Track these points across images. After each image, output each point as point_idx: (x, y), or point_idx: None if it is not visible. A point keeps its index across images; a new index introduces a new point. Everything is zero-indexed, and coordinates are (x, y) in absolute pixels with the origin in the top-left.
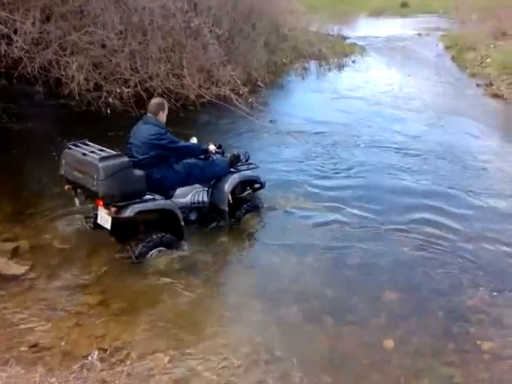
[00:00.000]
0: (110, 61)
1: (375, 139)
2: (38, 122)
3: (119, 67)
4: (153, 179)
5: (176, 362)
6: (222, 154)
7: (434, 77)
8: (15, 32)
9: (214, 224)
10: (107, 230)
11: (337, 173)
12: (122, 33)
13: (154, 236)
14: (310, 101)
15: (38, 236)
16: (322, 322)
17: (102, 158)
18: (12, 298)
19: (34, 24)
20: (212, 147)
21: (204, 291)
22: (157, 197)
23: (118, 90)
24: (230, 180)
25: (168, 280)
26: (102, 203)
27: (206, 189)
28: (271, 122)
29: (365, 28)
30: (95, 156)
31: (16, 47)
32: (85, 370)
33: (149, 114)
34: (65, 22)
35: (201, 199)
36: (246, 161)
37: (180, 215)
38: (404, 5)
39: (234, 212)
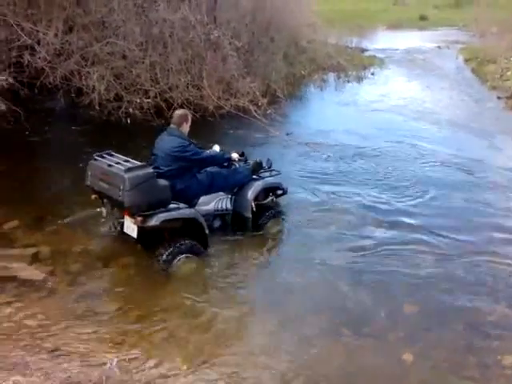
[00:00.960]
0: (131, 72)
1: (396, 151)
2: (59, 132)
3: (140, 78)
4: (177, 189)
5: (194, 371)
6: (245, 161)
7: (454, 89)
8: (38, 43)
9: (237, 231)
10: (133, 238)
11: (357, 183)
12: (142, 44)
13: (180, 243)
14: (329, 113)
15: (58, 242)
16: (339, 335)
17: (128, 169)
18: (32, 304)
19: (56, 35)
20: (235, 155)
21: (223, 301)
22: (181, 205)
23: (139, 101)
24: (253, 187)
25: (189, 289)
26: (128, 213)
27: (230, 196)
28: (287, 134)
29: (383, 40)
30: (121, 167)
31: (39, 58)
32: (104, 377)
33: (172, 126)
34: (87, 33)
35: (224, 207)
36: (269, 167)
37: (204, 223)
38: (422, 18)
39: (257, 219)
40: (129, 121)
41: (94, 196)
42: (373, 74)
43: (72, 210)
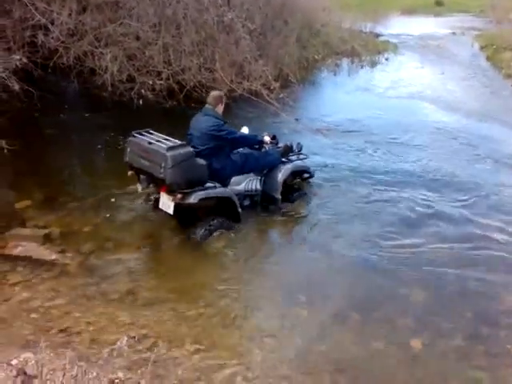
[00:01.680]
0: (144, 53)
1: (409, 139)
2: (71, 113)
3: (152, 59)
4: (212, 168)
5: (202, 353)
6: (276, 144)
7: (468, 76)
8: (52, 23)
9: (265, 210)
10: (169, 214)
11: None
12: (156, 26)
13: (216, 220)
14: (342, 98)
15: (70, 223)
16: (348, 319)
17: (170, 148)
18: (43, 283)
19: (70, 15)
20: (267, 138)
21: (233, 283)
22: (216, 185)
23: (151, 82)
24: (283, 170)
25: (198, 271)
26: (166, 190)
27: (259, 177)
28: (296, 120)
29: (398, 26)
30: (162, 145)
31: (52, 38)
32: (113, 355)
33: (208, 106)
34: (100, 14)
35: (254, 187)
36: (299, 151)
37: (237, 202)
38: (438, 3)
39: (285, 199)
40: (141, 102)
41: (130, 172)
42: (387, 59)
43: (83, 191)
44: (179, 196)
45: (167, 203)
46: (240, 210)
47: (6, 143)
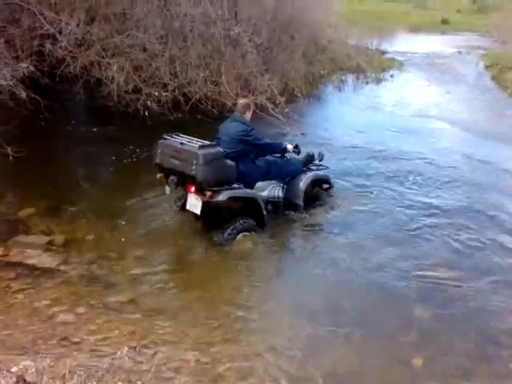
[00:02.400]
0: (150, 64)
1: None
2: (77, 122)
3: (159, 71)
4: (239, 171)
5: (203, 365)
6: (298, 153)
7: (474, 96)
8: (60, 32)
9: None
10: (196, 215)
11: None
12: (163, 38)
13: (243, 221)
14: (347, 114)
15: (73, 231)
16: (350, 334)
17: (201, 146)
18: (44, 291)
19: (78, 25)
20: (290, 146)
21: (242, 296)
22: (242, 186)
23: (157, 94)
24: (305, 179)
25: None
26: (195, 189)
27: (282, 185)
28: (302, 134)
29: (404, 43)
30: (194, 144)
31: (60, 47)
32: (114, 366)
33: (237, 113)
34: (108, 25)
35: (276, 194)
36: (320, 161)
37: (262, 205)
38: (444, 22)
39: (306, 207)
40: (146, 113)
41: (159, 175)
42: (392, 76)
43: (87, 200)
44: (209, 193)
45: (194, 203)
46: (265, 213)
47: (11, 150)
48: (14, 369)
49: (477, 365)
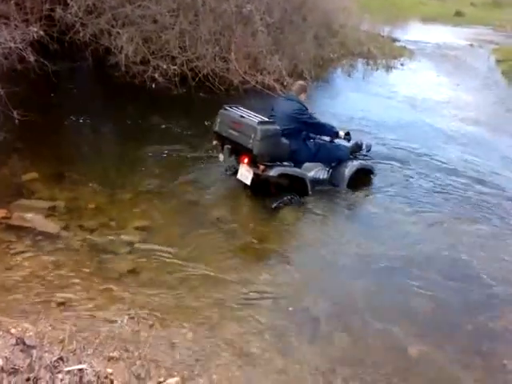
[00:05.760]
0: (160, 37)
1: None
2: (84, 89)
3: (168, 44)
4: (290, 150)
5: (199, 339)
6: (348, 141)
7: (483, 90)
8: None
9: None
10: (246, 184)
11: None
12: (174, 11)
13: (292, 196)
14: (355, 99)
15: (75, 198)
16: (349, 321)
17: (261, 122)
18: (46, 255)
19: None
20: (341, 133)
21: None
22: (292, 164)
23: (165, 67)
24: (351, 166)
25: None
26: (248, 160)
27: (327, 169)
28: None
29: (416, 33)
30: (254, 119)
31: (70, 13)
32: (112, 334)
33: (292, 93)
34: None
35: (321, 177)
36: (368, 151)
37: (309, 185)
38: (458, 14)
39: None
40: (153, 85)
41: (215, 142)
42: (402, 64)
43: (90, 168)
44: (262, 167)
45: (245, 174)
46: (310, 192)
47: (17, 114)
48: (12, 330)
49: (472, 358)
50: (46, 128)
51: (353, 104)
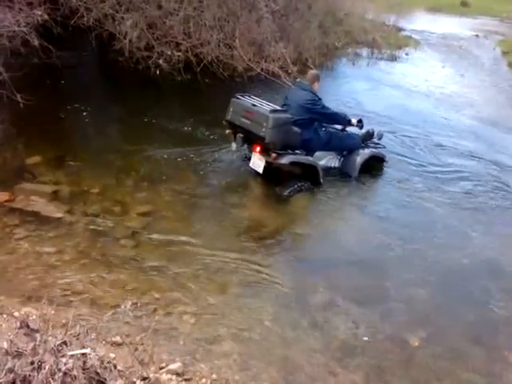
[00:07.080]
0: (164, 23)
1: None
2: (87, 74)
3: (172, 30)
4: (302, 138)
5: (201, 326)
6: (361, 128)
7: (488, 81)
8: None
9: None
10: (258, 172)
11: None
12: None
13: (302, 184)
14: (358, 88)
15: (79, 183)
16: (348, 310)
17: (273, 111)
18: (49, 240)
19: None
20: (354, 120)
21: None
22: (303, 153)
23: (169, 53)
24: (362, 154)
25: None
26: (260, 149)
27: (339, 157)
28: None
29: (421, 22)
30: (266, 107)
31: None
32: (115, 319)
33: (306, 82)
34: None
35: (333, 165)
36: (379, 139)
37: (321, 173)
38: (464, 4)
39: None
40: (157, 72)
41: (228, 131)
42: (407, 54)
43: (93, 153)
44: (274, 155)
45: (258, 162)
46: (322, 181)
47: (21, 97)
48: (16, 314)
49: (472, 348)
50: (49, 112)
51: (357, 92)
